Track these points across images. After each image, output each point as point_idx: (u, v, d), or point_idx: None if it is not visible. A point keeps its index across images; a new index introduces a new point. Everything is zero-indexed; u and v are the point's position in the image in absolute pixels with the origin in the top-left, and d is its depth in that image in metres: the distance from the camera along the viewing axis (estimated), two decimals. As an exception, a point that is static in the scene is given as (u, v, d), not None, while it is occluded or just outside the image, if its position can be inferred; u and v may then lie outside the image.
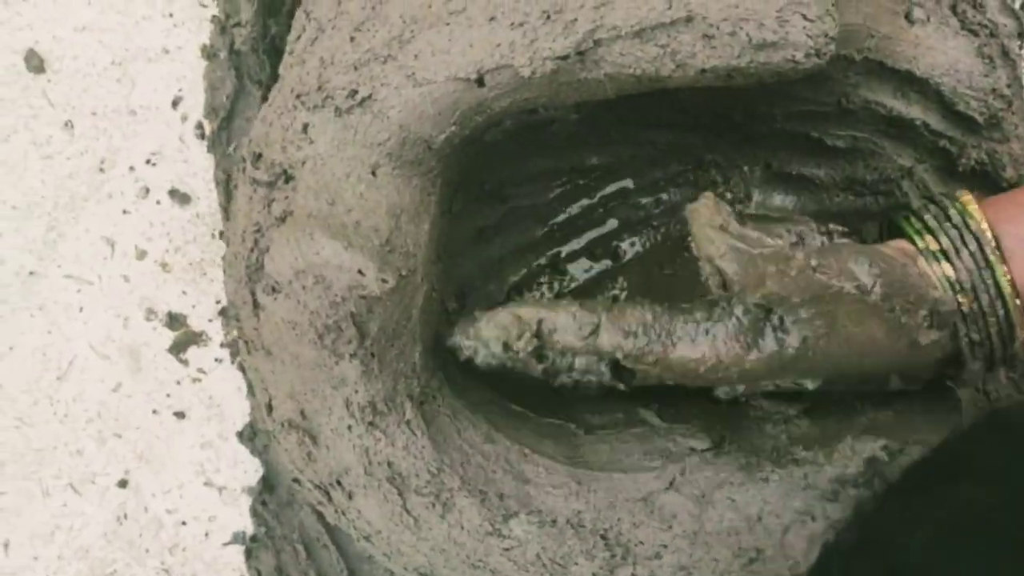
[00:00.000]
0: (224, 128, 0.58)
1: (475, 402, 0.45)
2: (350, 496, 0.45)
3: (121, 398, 0.59)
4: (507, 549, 0.44)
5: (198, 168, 0.59)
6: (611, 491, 0.44)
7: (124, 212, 0.59)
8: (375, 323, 0.43)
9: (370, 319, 0.43)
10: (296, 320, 0.43)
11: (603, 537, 0.44)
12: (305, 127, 0.44)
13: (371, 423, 0.44)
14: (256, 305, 0.44)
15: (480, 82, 0.43)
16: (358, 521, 0.46)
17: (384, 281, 0.42)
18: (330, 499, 0.46)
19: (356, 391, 0.44)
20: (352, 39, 0.44)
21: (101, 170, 0.58)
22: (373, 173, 0.44)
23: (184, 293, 0.59)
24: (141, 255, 0.59)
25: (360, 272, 0.42)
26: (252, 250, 0.44)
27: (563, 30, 0.42)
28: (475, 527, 0.44)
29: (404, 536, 0.45)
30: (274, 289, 0.43)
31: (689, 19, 0.41)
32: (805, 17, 0.41)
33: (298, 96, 0.45)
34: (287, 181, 0.44)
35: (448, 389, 0.45)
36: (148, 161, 0.59)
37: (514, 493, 0.44)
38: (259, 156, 0.45)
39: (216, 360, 0.59)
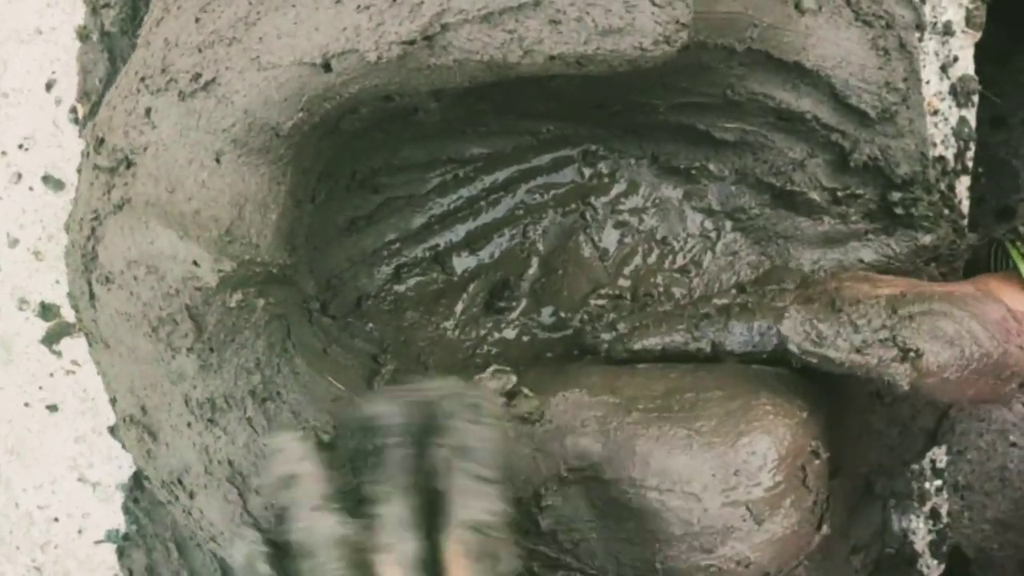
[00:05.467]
0: (97, 112, 0.55)
1: (321, 398, 0.44)
2: (191, 495, 0.43)
3: (-8, 390, 0.57)
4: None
5: (72, 153, 0.56)
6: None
7: (-5, 198, 0.57)
8: (212, 316, 0.41)
9: (207, 312, 0.41)
10: (130, 312, 0.41)
11: None
12: (148, 111, 0.43)
13: (210, 420, 0.42)
14: (92, 296, 0.42)
15: (327, 67, 0.41)
16: (202, 521, 0.44)
17: (220, 272, 0.40)
18: (176, 498, 0.45)
19: (195, 386, 0.42)
20: (197, 20, 0.43)
21: (-29, 154, 0.56)
22: (217, 160, 0.42)
23: (57, 282, 0.57)
24: (13, 243, 0.57)
25: (195, 263, 0.41)
26: (88, 238, 0.42)
27: (409, 13, 0.40)
28: (317, 529, 0.42)
29: (247, 538, 0.43)
30: (107, 279, 0.41)
31: (537, 3, 0.39)
32: (653, 3, 0.39)
33: (142, 79, 0.43)
34: (128, 167, 0.43)
35: (294, 385, 0.43)
36: (21, 146, 0.57)
37: (359, 494, 0.42)
38: (102, 141, 0.44)
39: (90, 352, 0.57)
